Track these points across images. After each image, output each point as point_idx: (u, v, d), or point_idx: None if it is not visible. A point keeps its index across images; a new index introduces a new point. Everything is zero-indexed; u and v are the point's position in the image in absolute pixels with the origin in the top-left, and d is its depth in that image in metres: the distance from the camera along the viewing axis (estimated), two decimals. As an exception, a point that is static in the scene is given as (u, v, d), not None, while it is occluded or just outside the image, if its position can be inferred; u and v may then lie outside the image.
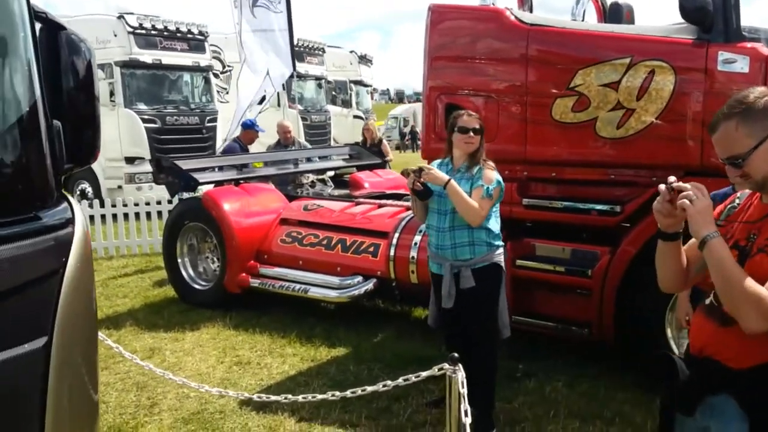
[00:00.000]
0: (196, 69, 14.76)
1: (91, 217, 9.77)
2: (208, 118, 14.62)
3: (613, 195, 4.98)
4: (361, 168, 8.95)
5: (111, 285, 8.18)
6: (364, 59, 26.62)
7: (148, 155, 13.17)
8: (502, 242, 4.23)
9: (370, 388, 3.42)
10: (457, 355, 3.02)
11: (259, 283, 6.70)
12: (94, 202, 10.52)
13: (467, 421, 2.68)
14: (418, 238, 5.92)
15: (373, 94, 35.48)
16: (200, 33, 14.76)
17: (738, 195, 2.24)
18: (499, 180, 4.12)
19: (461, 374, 2.93)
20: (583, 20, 6.17)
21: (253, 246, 6.86)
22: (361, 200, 7.25)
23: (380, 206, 6.86)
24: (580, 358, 5.25)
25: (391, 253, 6.08)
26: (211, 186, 7.53)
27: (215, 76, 16.03)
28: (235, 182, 7.49)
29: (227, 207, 6.88)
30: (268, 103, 12.30)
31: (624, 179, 4.93)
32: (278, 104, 15.89)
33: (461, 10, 5.49)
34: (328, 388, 4.75)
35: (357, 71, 25.57)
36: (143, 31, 13.58)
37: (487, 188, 4.03)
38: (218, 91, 16.11)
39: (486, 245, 4.09)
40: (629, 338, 4.82)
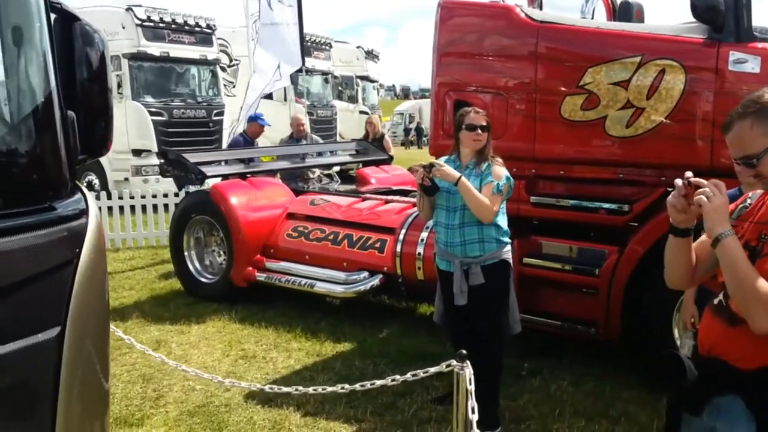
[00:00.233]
0: (204, 62, 14.77)
1: (98, 209, 9.78)
2: (215, 112, 14.63)
3: (621, 194, 4.97)
4: (367, 163, 8.95)
5: (117, 277, 8.20)
6: (371, 55, 26.60)
7: (155, 148, 13.21)
8: (510, 239, 4.23)
9: (379, 382, 3.42)
10: (465, 351, 3.02)
11: (266, 277, 6.71)
12: (101, 194, 10.54)
13: (474, 418, 2.68)
14: (424, 234, 5.92)
15: (379, 90, 35.47)
16: (208, 26, 14.77)
17: (750, 195, 2.24)
18: (508, 176, 4.12)
19: (469, 371, 2.93)
20: (592, 18, 6.16)
21: (260, 240, 6.87)
22: (367, 196, 7.25)
23: (387, 202, 6.87)
24: (586, 356, 5.24)
25: (398, 249, 6.08)
26: (218, 179, 7.54)
27: (222, 69, 16.04)
28: (242, 176, 7.50)
29: (234, 201, 6.89)
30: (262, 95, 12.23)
31: (633, 178, 4.92)
32: (285, 99, 15.89)
33: (471, 7, 5.48)
34: (333, 382, 4.73)
35: (363, 67, 25.56)
36: (151, 24, 13.60)
37: (497, 184, 4.03)
38: (225, 85, 16.12)
39: (495, 242, 4.10)
40: (635, 338, 4.82)
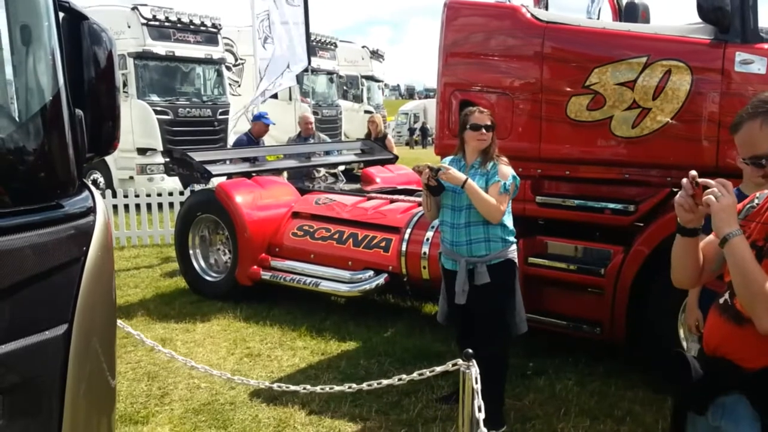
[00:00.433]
0: (209, 61, 14.78)
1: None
2: (220, 111, 14.65)
3: (627, 194, 4.96)
4: (372, 163, 8.95)
5: (122, 275, 8.21)
6: (376, 54, 26.64)
7: (160, 147, 13.24)
8: (516, 238, 4.23)
9: (385, 381, 3.42)
10: (471, 351, 3.02)
11: (271, 275, 6.71)
12: (106, 192, 10.56)
13: (481, 417, 2.68)
14: (430, 233, 5.92)
15: (384, 90, 35.51)
16: (213, 25, 14.79)
17: (757, 195, 2.24)
18: (514, 175, 4.13)
19: (475, 370, 2.93)
20: (598, 18, 6.15)
21: (265, 239, 6.88)
22: (373, 195, 7.26)
23: (392, 201, 6.87)
24: (591, 356, 5.24)
25: (403, 248, 6.08)
26: (224, 178, 7.55)
27: (228, 68, 16.06)
28: (247, 175, 7.51)
29: (239, 199, 6.90)
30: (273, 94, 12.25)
31: (638, 179, 4.91)
32: (290, 98, 15.91)
33: (477, 7, 5.48)
34: (338, 381, 4.77)
35: (368, 66, 25.60)
36: (157, 23, 13.62)
37: (504, 184, 4.03)
38: (230, 84, 16.14)
39: (501, 241, 4.10)
40: (641, 338, 4.81)
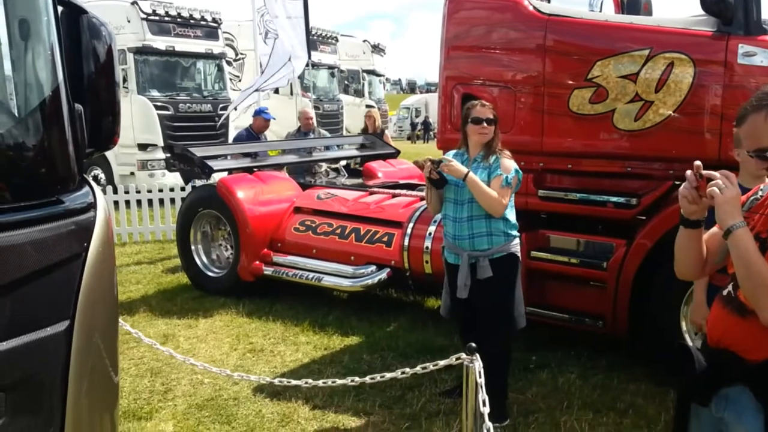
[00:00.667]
0: (210, 56, 14.75)
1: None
2: (221, 106, 14.61)
3: (629, 187, 4.95)
4: (373, 158, 8.93)
5: (124, 271, 8.21)
6: (377, 49, 26.61)
7: (161, 142, 13.23)
8: (519, 232, 4.22)
9: (388, 375, 3.42)
10: (475, 345, 3.01)
11: (273, 271, 6.71)
12: (107, 188, 10.55)
13: (485, 410, 2.68)
14: (432, 228, 5.91)
15: (385, 84, 35.51)
16: (214, 20, 14.75)
17: (761, 187, 2.23)
18: (517, 169, 4.11)
19: (478, 364, 2.93)
20: (600, 11, 6.12)
21: (267, 234, 6.87)
22: (375, 190, 7.25)
23: (394, 196, 6.86)
24: (594, 350, 5.24)
25: (405, 242, 6.08)
26: (225, 173, 7.54)
27: (228, 63, 16.03)
28: (248, 170, 7.50)
29: (241, 195, 6.89)
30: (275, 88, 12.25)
31: (641, 172, 4.90)
32: (291, 93, 15.89)
33: (479, 0, 5.45)
34: (341, 376, 4.75)
35: (370, 60, 25.57)
36: (156, 18, 13.59)
37: (506, 177, 4.02)
38: (231, 79, 16.11)
39: (503, 235, 4.09)
40: (643, 331, 4.81)
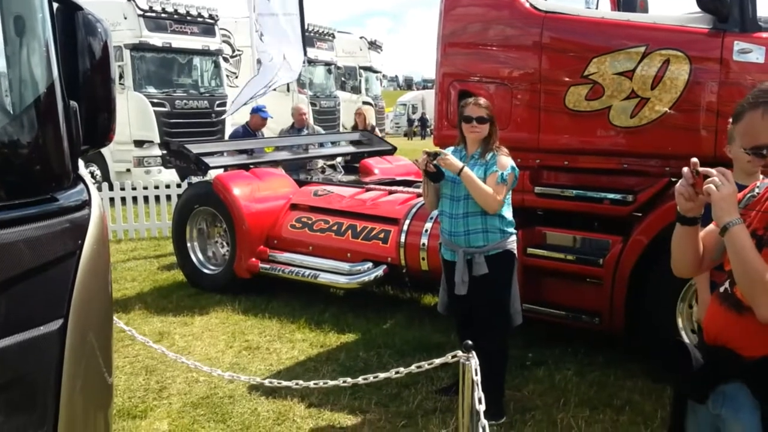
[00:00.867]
0: (206, 53, 14.74)
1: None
2: (218, 103, 14.60)
3: (625, 184, 4.95)
4: (370, 154, 8.93)
5: (120, 268, 8.20)
6: (374, 45, 26.58)
7: (157, 139, 13.21)
8: (515, 229, 4.22)
9: (382, 375, 3.41)
10: (471, 342, 3.01)
11: (269, 268, 6.70)
12: (103, 185, 10.53)
13: (481, 408, 2.68)
14: (428, 225, 5.91)
15: (382, 81, 35.50)
16: (210, 17, 14.72)
17: (758, 184, 2.23)
18: (513, 166, 4.10)
19: (475, 362, 2.92)
20: (597, 8, 6.12)
21: (263, 231, 6.86)
22: (371, 186, 7.24)
23: (391, 193, 6.85)
24: (590, 346, 5.24)
25: (402, 239, 6.07)
26: (221, 170, 7.53)
27: (225, 60, 16.01)
28: (244, 167, 7.49)
29: (237, 192, 6.88)
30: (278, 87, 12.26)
31: (637, 168, 4.90)
32: (288, 89, 15.87)
33: (475, -4, 5.45)
34: (337, 374, 4.76)
35: (367, 57, 25.55)
36: (153, 14, 13.56)
37: (501, 174, 4.01)
38: (228, 76, 16.09)
39: (499, 232, 4.09)
40: (639, 327, 4.81)
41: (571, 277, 5.13)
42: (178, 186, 10.10)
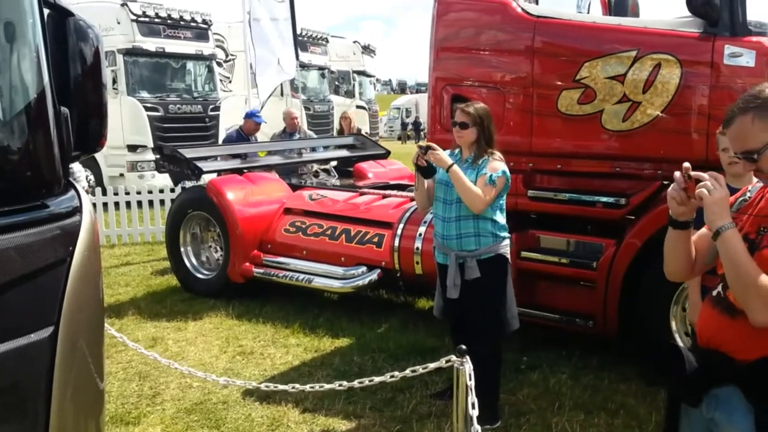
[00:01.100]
0: (200, 57, 14.72)
1: (93, 205, 9.72)
2: (211, 107, 14.59)
3: (618, 187, 4.96)
4: (364, 158, 8.92)
5: (113, 273, 8.17)
6: (368, 49, 26.65)
7: (151, 143, 13.19)
8: (509, 234, 4.21)
9: (377, 379, 3.41)
10: (465, 347, 3.01)
11: (263, 272, 6.68)
12: (96, 189, 10.50)
13: (474, 413, 2.67)
14: (422, 229, 5.91)
15: (376, 85, 35.54)
16: (204, 21, 14.72)
17: (749, 188, 2.24)
18: (505, 170, 4.08)
19: (469, 366, 2.92)
20: (588, 12, 6.15)
21: (257, 235, 6.85)
22: (365, 190, 7.24)
23: (384, 197, 6.85)
24: (584, 350, 5.24)
25: (396, 243, 6.07)
26: (215, 175, 7.52)
27: (218, 64, 16.00)
28: (238, 171, 7.48)
29: (231, 196, 6.87)
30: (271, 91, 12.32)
31: (629, 172, 4.92)
32: (281, 94, 15.87)
33: (468, 2, 5.46)
34: (332, 378, 4.75)
35: (360, 61, 25.60)
36: (146, 19, 13.55)
37: (490, 175, 4.00)
38: (221, 80, 16.08)
39: (492, 236, 4.08)
40: (633, 331, 4.82)
41: (565, 281, 5.14)
42: (172, 191, 10.09)
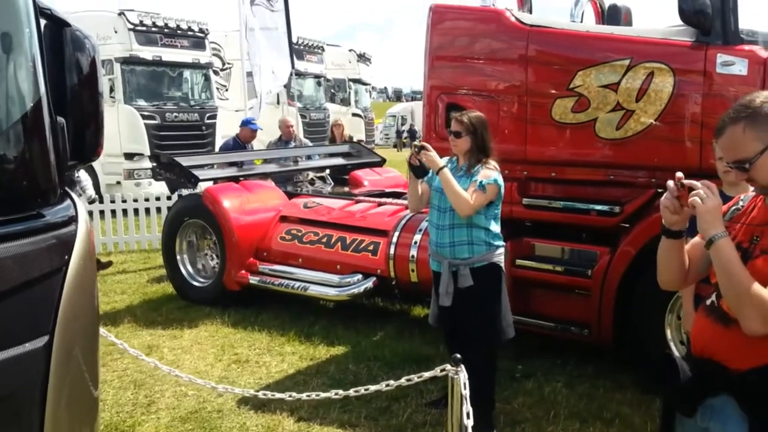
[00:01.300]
0: (196, 66, 14.75)
1: (90, 213, 9.74)
2: (208, 115, 14.61)
3: (612, 195, 4.98)
4: (360, 166, 8.93)
5: (109, 281, 8.17)
6: (363, 58, 26.72)
7: (148, 151, 13.19)
8: (503, 243, 4.22)
9: (372, 388, 3.41)
10: (459, 356, 3.01)
11: (259, 280, 6.69)
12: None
13: (469, 423, 2.68)
14: (418, 237, 5.92)
15: (371, 93, 35.62)
16: (201, 30, 14.75)
17: (742, 197, 2.25)
18: (497, 179, 4.06)
19: (463, 375, 2.93)
20: (581, 21, 6.17)
21: (253, 243, 6.85)
22: (361, 198, 7.25)
23: (380, 204, 6.86)
24: (580, 358, 5.25)
25: (391, 251, 6.08)
26: (211, 183, 7.53)
27: (215, 73, 16.03)
28: (234, 179, 7.49)
29: (227, 204, 6.87)
30: (267, 99, 12.36)
31: (623, 180, 4.93)
32: (277, 102, 15.90)
33: (462, 11, 5.49)
34: (327, 387, 4.74)
35: (356, 69, 25.67)
36: (144, 28, 13.59)
37: (480, 182, 4.01)
38: (218, 88, 16.10)
39: (485, 245, 4.08)
40: (628, 339, 4.83)
41: (560, 289, 5.14)
42: (168, 198, 10.09)
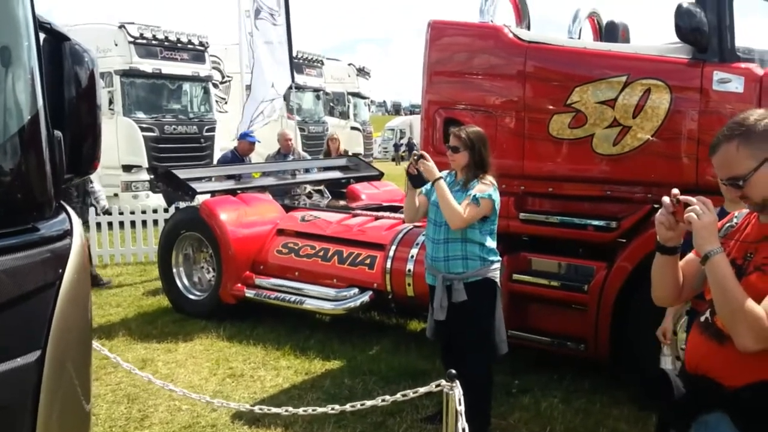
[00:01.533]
0: (196, 79, 14.80)
1: (86, 225, 9.73)
2: (207, 128, 14.64)
3: (609, 211, 4.99)
4: (357, 180, 8.95)
5: (104, 294, 8.14)
6: (362, 72, 26.83)
7: (146, 163, 13.22)
8: (499, 258, 4.22)
9: (369, 403, 3.39)
10: (454, 371, 3.00)
11: (255, 293, 6.66)
12: (90, 209, 10.46)
13: (464, 438, 2.66)
14: (414, 251, 5.91)
15: (370, 106, 35.71)
16: (200, 43, 14.81)
17: (736, 214, 2.26)
18: (491, 194, 4.06)
19: (458, 391, 2.92)
20: (579, 38, 6.21)
21: (249, 256, 6.84)
22: (358, 212, 7.25)
23: (377, 218, 6.86)
24: (576, 373, 5.23)
25: (388, 265, 6.07)
26: (208, 195, 7.53)
27: (214, 86, 16.07)
28: (232, 192, 7.49)
29: (224, 217, 6.87)
30: (276, 113, 12.36)
31: (620, 195, 4.94)
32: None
33: (460, 27, 5.52)
34: (322, 401, 4.73)
35: (355, 83, 25.77)
36: (144, 41, 13.64)
37: (474, 195, 4.01)
38: (217, 101, 16.14)
39: (479, 260, 4.08)
40: (624, 354, 4.82)
41: (557, 304, 5.14)
42: (165, 211, 10.09)
